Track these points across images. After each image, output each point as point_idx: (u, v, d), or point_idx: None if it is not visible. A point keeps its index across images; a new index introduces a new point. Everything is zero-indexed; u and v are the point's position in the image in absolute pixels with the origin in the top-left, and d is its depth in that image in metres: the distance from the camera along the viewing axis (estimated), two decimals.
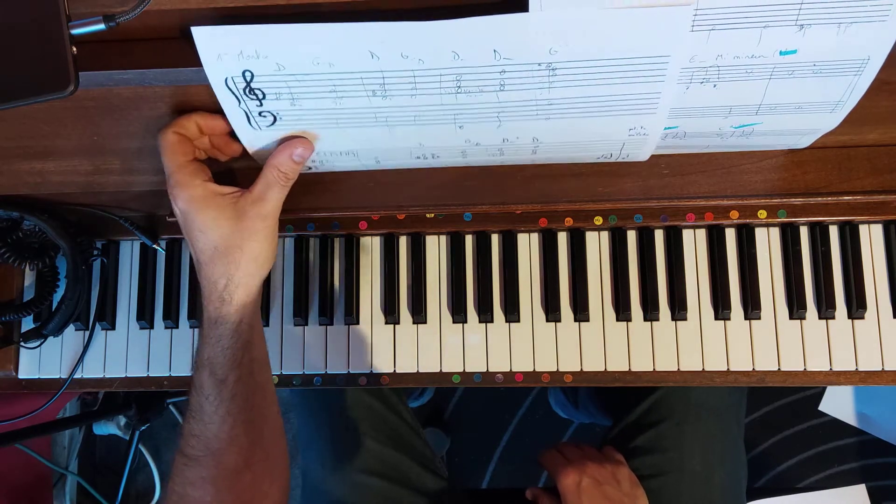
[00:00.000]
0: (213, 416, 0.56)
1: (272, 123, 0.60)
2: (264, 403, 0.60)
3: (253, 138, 0.62)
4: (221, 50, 0.53)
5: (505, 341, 0.77)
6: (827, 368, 0.74)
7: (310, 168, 0.68)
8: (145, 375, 0.80)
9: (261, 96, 0.57)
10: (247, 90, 0.56)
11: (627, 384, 0.76)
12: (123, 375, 0.80)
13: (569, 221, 0.76)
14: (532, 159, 0.66)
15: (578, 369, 0.76)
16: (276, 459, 0.60)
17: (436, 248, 0.79)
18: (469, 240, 0.79)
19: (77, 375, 0.80)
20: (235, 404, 0.57)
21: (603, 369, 0.76)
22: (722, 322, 0.76)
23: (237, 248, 0.56)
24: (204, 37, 0.52)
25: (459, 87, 0.55)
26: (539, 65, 0.53)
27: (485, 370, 0.77)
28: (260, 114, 0.59)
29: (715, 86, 0.58)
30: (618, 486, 0.74)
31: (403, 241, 0.80)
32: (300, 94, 0.57)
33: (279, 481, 0.61)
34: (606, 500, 0.72)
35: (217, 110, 0.60)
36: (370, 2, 0.54)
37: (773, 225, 0.76)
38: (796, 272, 0.75)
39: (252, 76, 0.55)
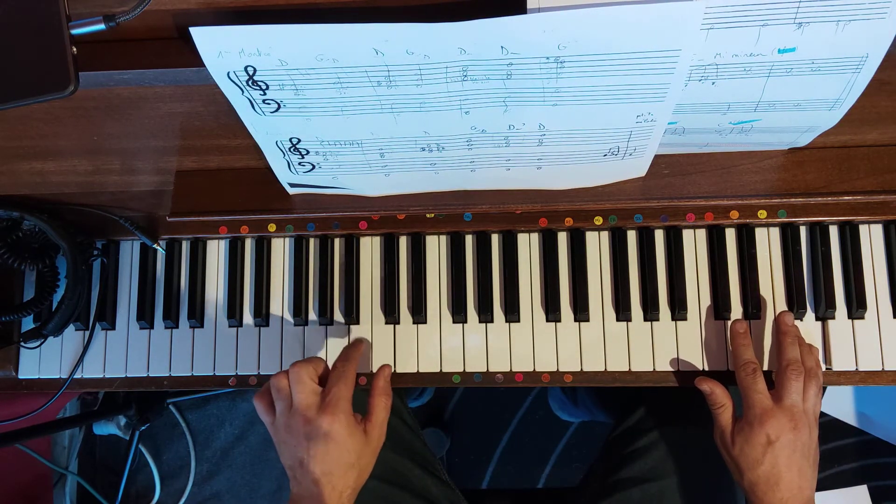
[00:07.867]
0: None
1: (276, 110, 0.60)
2: None
3: (257, 122, 0.62)
4: (222, 48, 0.53)
5: (505, 341, 0.77)
6: (827, 368, 0.74)
7: (314, 165, 0.68)
8: (145, 375, 0.80)
9: (264, 87, 0.57)
10: (249, 82, 0.56)
11: (627, 384, 0.76)
12: (123, 375, 0.80)
13: (569, 221, 0.76)
14: (539, 153, 0.65)
15: (578, 369, 0.76)
16: None
17: (436, 248, 0.79)
18: (469, 240, 0.79)
19: (77, 375, 0.80)
20: None
21: (603, 369, 0.76)
22: (722, 322, 0.75)
23: (366, 465, 0.69)
24: (203, 37, 0.52)
25: (466, 76, 0.55)
26: (547, 58, 0.53)
27: (485, 370, 0.77)
28: (264, 101, 0.59)
29: (713, 83, 0.58)
30: (808, 457, 0.67)
31: (403, 241, 0.80)
32: (304, 84, 0.57)
33: None
34: (791, 469, 0.65)
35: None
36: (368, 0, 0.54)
37: (773, 225, 0.76)
38: (796, 272, 0.75)
39: (255, 70, 0.55)
